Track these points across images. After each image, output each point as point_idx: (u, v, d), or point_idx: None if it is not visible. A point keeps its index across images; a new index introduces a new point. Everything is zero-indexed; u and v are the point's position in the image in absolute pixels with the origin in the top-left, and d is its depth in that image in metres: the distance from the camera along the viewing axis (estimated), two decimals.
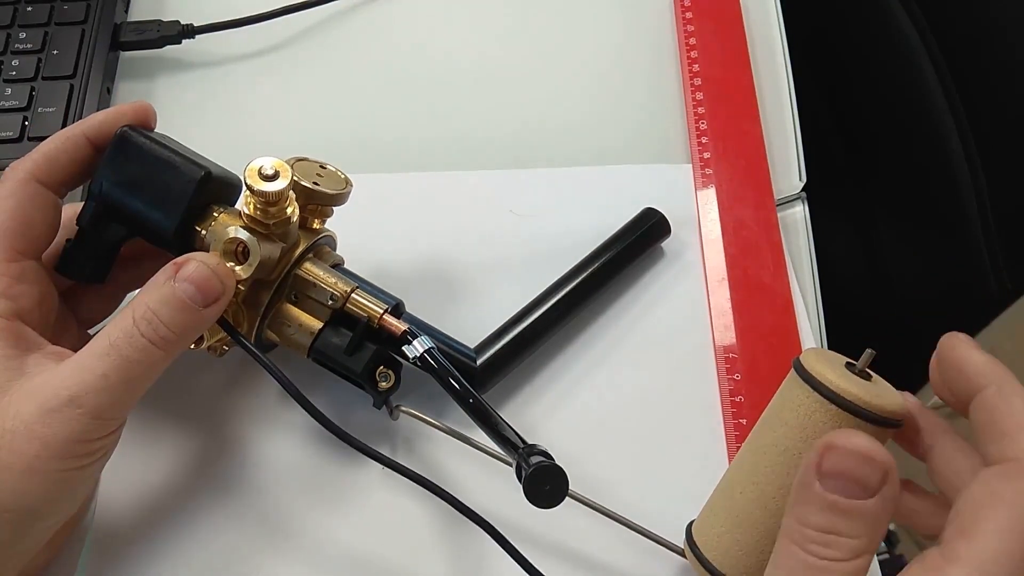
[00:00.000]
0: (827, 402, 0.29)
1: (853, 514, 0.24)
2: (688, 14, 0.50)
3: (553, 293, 0.40)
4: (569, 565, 0.36)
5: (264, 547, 0.36)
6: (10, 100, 0.45)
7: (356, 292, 0.35)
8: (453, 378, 0.34)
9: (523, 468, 0.31)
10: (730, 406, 0.39)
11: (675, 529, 0.34)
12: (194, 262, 0.31)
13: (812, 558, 0.24)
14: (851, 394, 0.28)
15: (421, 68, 0.50)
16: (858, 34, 0.64)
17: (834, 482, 0.24)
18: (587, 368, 0.40)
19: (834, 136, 0.66)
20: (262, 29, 0.50)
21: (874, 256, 0.64)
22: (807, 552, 0.24)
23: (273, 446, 0.38)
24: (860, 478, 0.24)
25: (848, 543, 0.24)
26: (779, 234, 0.43)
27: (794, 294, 0.42)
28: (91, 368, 0.29)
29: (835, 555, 0.24)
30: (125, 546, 0.35)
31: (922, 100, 0.56)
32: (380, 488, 0.37)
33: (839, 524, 0.24)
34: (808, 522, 0.24)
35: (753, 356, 0.40)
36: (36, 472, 0.28)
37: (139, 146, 0.33)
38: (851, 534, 0.24)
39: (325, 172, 0.37)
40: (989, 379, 0.26)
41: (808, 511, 0.24)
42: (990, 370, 0.26)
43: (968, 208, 0.53)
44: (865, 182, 0.65)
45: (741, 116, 0.46)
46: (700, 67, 0.48)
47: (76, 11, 0.48)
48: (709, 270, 0.42)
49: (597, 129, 0.48)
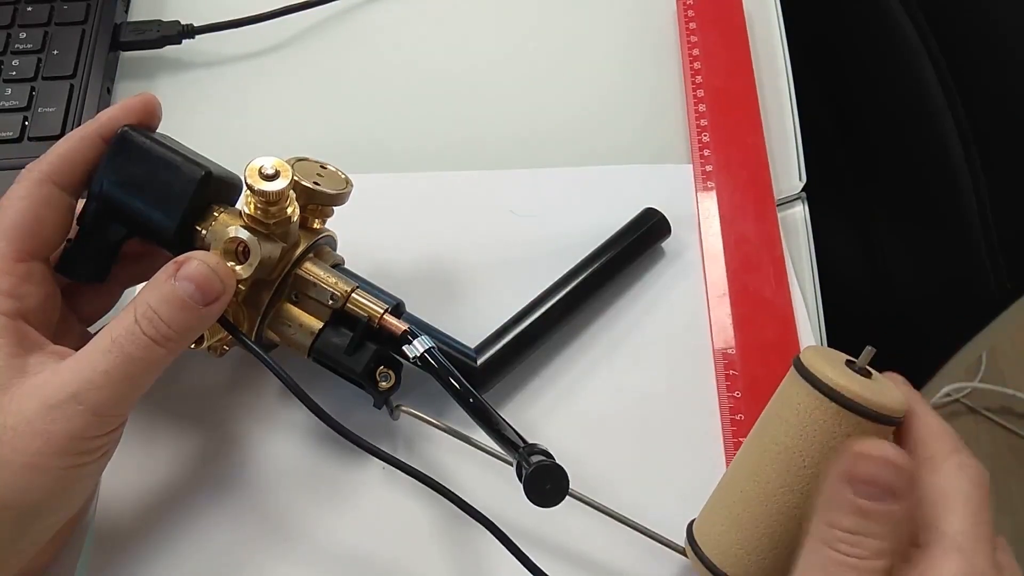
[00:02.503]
0: (827, 400, 0.29)
1: (881, 518, 0.26)
2: (691, 24, 0.50)
3: (554, 293, 0.40)
4: (570, 564, 0.36)
5: (264, 546, 0.36)
6: (10, 100, 0.45)
7: (356, 292, 0.35)
8: (453, 378, 0.34)
9: (524, 467, 0.31)
10: (728, 403, 0.39)
11: (676, 528, 0.34)
12: (195, 261, 0.31)
13: (840, 555, 0.26)
14: (851, 392, 0.28)
15: (422, 68, 0.50)
16: (858, 34, 0.64)
17: (866, 488, 0.26)
18: (587, 367, 0.40)
19: (834, 136, 0.66)
20: (262, 29, 0.50)
21: (874, 256, 0.64)
22: (835, 550, 0.26)
23: (273, 445, 0.38)
24: (889, 484, 0.26)
25: (874, 543, 0.26)
26: (781, 248, 0.43)
27: (794, 294, 0.42)
28: (93, 365, 0.29)
29: (862, 553, 0.26)
30: (126, 545, 0.35)
31: (922, 100, 0.56)
32: (381, 487, 0.37)
33: (868, 527, 0.26)
34: (838, 524, 0.26)
35: (754, 371, 0.40)
36: (37, 469, 0.28)
37: (139, 146, 0.33)
38: (879, 535, 0.26)
39: (325, 172, 0.37)
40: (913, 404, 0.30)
41: (838, 515, 0.26)
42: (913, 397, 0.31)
43: (968, 208, 0.53)
44: (865, 182, 0.65)
45: (744, 126, 0.46)
46: (703, 78, 0.48)
47: (76, 11, 0.48)
48: (710, 284, 0.42)
49: (597, 130, 0.48)
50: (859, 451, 0.27)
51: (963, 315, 0.56)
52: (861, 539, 0.26)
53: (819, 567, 0.27)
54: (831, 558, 0.26)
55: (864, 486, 0.26)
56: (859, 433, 0.29)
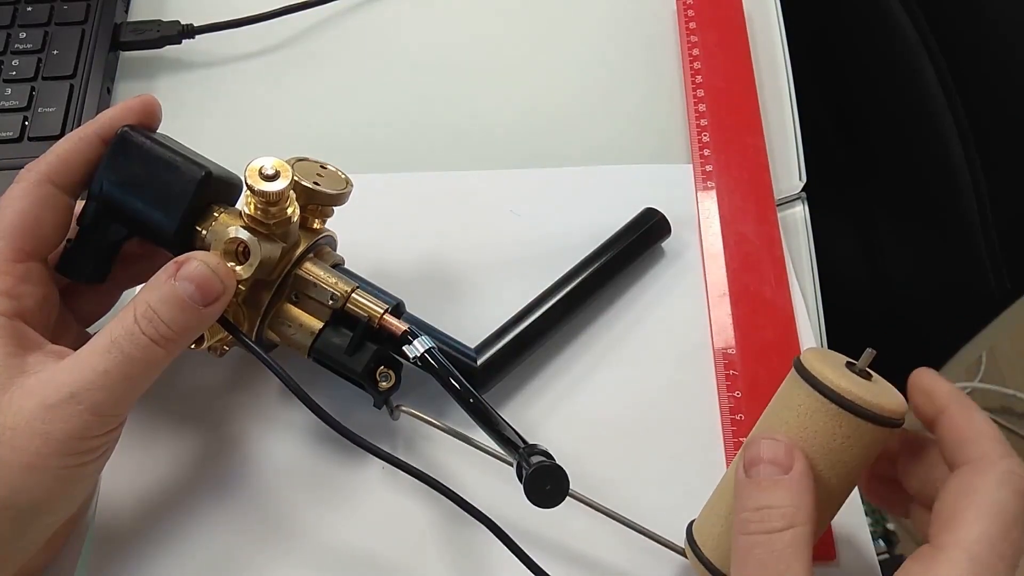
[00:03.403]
0: (828, 401, 0.29)
1: (776, 486, 0.28)
2: (691, 24, 0.50)
3: (554, 293, 0.40)
4: (570, 564, 0.36)
5: (265, 545, 0.36)
6: (10, 100, 0.45)
7: (356, 292, 0.35)
8: (454, 378, 0.34)
9: (524, 468, 0.31)
10: (728, 403, 0.39)
11: (675, 528, 0.34)
12: (195, 261, 0.31)
13: (754, 536, 0.28)
14: (852, 393, 0.28)
15: (422, 68, 0.50)
16: (858, 34, 0.64)
17: (755, 469, 0.29)
18: (588, 367, 0.40)
19: (834, 136, 0.66)
20: (262, 29, 0.50)
21: (874, 256, 0.64)
22: (748, 532, 0.28)
23: (273, 445, 0.38)
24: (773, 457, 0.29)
25: (779, 512, 0.28)
26: (781, 249, 0.43)
27: (794, 294, 0.42)
28: (92, 365, 0.29)
29: (771, 527, 0.28)
30: (126, 545, 0.35)
31: (922, 100, 0.56)
32: (381, 486, 0.37)
33: (768, 499, 0.28)
34: (745, 507, 0.29)
35: (754, 371, 0.40)
36: (36, 469, 0.28)
37: (139, 146, 0.33)
38: (780, 504, 0.28)
39: (326, 172, 0.37)
40: (951, 400, 0.30)
41: (743, 500, 0.29)
42: (953, 393, 0.31)
43: (968, 208, 0.53)
44: (865, 182, 0.65)
45: (744, 126, 0.46)
46: (703, 77, 0.48)
47: (76, 11, 0.48)
48: (710, 284, 0.42)
49: (598, 130, 0.48)
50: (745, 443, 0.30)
51: (963, 315, 0.56)
52: (765, 513, 0.28)
53: (739, 554, 0.28)
54: (745, 541, 0.28)
55: (754, 467, 0.29)
56: (859, 435, 0.29)
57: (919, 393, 0.31)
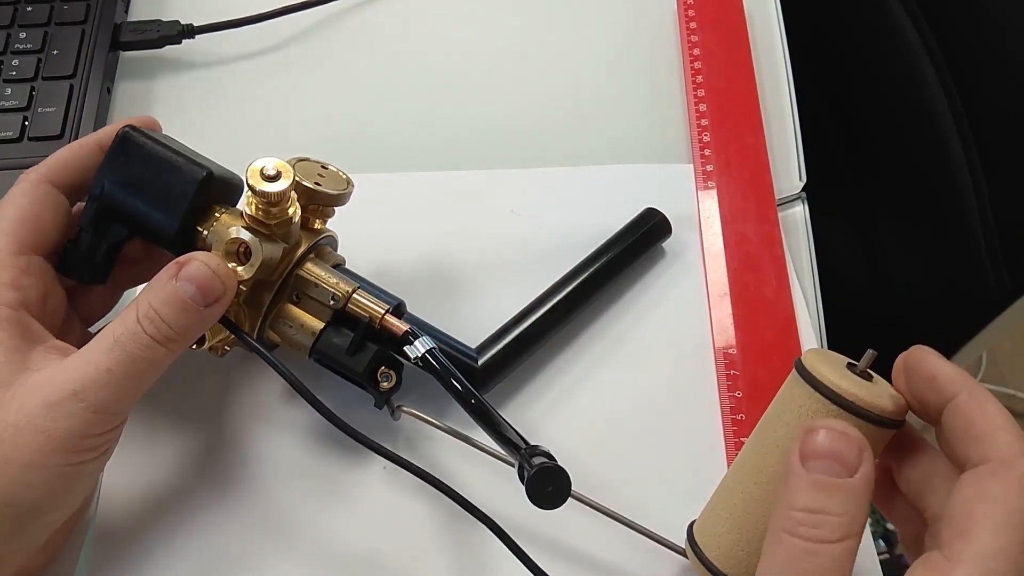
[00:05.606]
0: (828, 402, 0.29)
1: (838, 491, 0.25)
2: (692, 24, 0.50)
3: (554, 293, 0.40)
4: (570, 564, 0.36)
5: (265, 545, 0.36)
6: (10, 100, 0.45)
7: (357, 292, 0.35)
8: (455, 378, 0.34)
9: (526, 469, 0.31)
10: (729, 402, 0.39)
11: (676, 529, 0.34)
12: (196, 262, 0.31)
13: (802, 541, 0.25)
14: (852, 394, 0.28)
15: (422, 68, 0.50)
16: (858, 34, 0.64)
17: (817, 463, 0.25)
18: (588, 368, 0.40)
19: (834, 136, 0.66)
20: (262, 29, 0.50)
21: (874, 256, 0.64)
22: (797, 536, 0.25)
23: (274, 445, 0.38)
24: (840, 455, 0.25)
25: (836, 521, 0.25)
26: (782, 248, 0.43)
27: (794, 294, 0.42)
28: (95, 363, 0.29)
29: (824, 536, 0.25)
30: (126, 544, 0.35)
31: (922, 101, 0.56)
32: (381, 486, 0.37)
33: (826, 502, 0.25)
34: (796, 504, 0.25)
35: (755, 371, 0.40)
36: (38, 466, 0.28)
37: (140, 146, 0.33)
38: (838, 511, 0.25)
39: (327, 172, 0.37)
40: (960, 386, 0.27)
41: (795, 495, 0.25)
42: (960, 378, 0.27)
43: (968, 208, 0.53)
44: (865, 182, 0.65)
45: (744, 126, 0.46)
46: (703, 77, 0.48)
47: (76, 11, 0.48)
48: (711, 284, 0.42)
49: (598, 130, 0.48)
50: (806, 427, 0.26)
51: (963, 315, 0.56)
52: (820, 519, 0.25)
53: (778, 556, 0.25)
54: (795, 547, 0.25)
55: (815, 461, 0.25)
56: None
57: (920, 379, 0.28)
